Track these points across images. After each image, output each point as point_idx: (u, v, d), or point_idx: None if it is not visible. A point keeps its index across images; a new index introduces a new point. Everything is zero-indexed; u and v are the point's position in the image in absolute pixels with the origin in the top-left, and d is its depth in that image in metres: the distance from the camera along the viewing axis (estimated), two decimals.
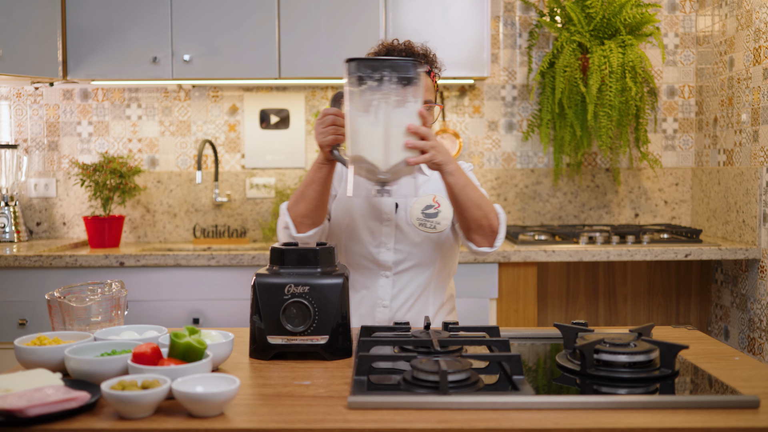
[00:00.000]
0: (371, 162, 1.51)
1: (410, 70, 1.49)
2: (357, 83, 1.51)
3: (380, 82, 1.47)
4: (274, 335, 1.48)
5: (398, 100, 1.49)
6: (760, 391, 1.25)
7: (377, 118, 1.49)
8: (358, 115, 1.51)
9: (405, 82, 1.48)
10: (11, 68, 3.10)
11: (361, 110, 1.51)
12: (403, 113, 1.51)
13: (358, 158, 1.54)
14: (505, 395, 1.23)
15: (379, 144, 1.50)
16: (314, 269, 1.53)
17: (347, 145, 1.55)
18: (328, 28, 3.20)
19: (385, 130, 1.50)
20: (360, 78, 1.49)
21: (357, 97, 1.51)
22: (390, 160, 1.52)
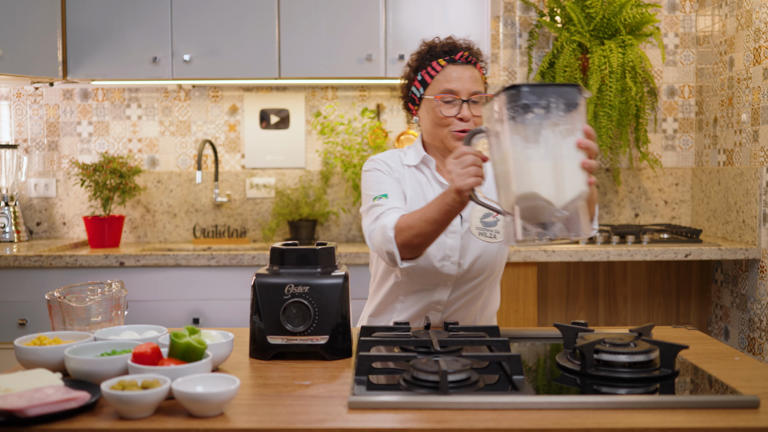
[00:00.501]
0: (546, 199, 1.33)
1: (577, 96, 1.35)
2: (522, 112, 1.34)
3: (547, 110, 1.33)
4: (274, 335, 1.48)
5: (568, 129, 1.34)
6: (760, 391, 1.25)
7: (547, 149, 1.33)
8: (526, 147, 1.33)
9: (572, 108, 1.35)
10: (11, 68, 3.10)
11: (530, 141, 1.34)
12: (573, 141, 1.35)
13: (530, 196, 1.34)
14: (505, 395, 1.23)
15: (552, 178, 1.34)
16: (314, 269, 1.52)
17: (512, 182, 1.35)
18: (328, 28, 3.20)
19: (556, 162, 1.33)
20: (526, 106, 1.33)
21: (522, 128, 1.34)
22: (566, 195, 1.34)
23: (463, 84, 1.83)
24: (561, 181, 1.33)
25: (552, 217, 1.35)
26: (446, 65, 1.86)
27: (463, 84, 1.83)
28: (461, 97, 1.83)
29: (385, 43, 3.20)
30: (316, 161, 3.60)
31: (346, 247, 3.21)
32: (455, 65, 1.85)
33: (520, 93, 1.33)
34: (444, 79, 1.84)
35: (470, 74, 1.84)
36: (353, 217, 3.60)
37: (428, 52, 1.89)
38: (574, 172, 1.35)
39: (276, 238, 3.58)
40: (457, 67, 1.85)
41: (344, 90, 3.60)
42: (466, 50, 1.87)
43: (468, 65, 1.86)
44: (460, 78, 1.83)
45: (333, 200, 3.58)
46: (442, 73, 1.85)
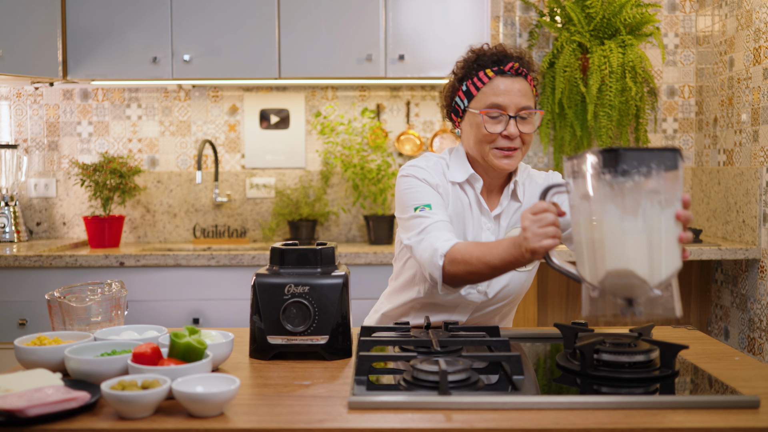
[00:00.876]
0: (641, 277, 1.22)
1: (678, 160, 1.22)
2: (621, 179, 1.21)
3: (647, 177, 1.20)
4: (274, 335, 1.48)
5: (666, 198, 1.21)
6: (760, 391, 1.25)
7: (645, 222, 1.21)
8: (622, 219, 1.21)
9: (672, 174, 1.22)
10: (11, 68, 3.10)
11: (627, 213, 1.21)
12: (671, 215, 1.23)
13: (623, 273, 1.23)
14: (505, 395, 1.23)
15: (649, 254, 1.22)
16: (314, 269, 1.52)
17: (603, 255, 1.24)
18: (328, 28, 3.20)
19: (654, 237, 1.21)
20: (625, 172, 1.20)
21: (619, 198, 1.21)
22: (662, 272, 1.23)
23: (511, 98, 1.70)
24: (658, 258, 1.22)
25: (643, 295, 1.24)
26: (494, 77, 1.72)
27: (511, 98, 1.70)
28: (509, 113, 1.70)
29: (385, 43, 3.20)
30: (316, 161, 3.60)
31: (346, 247, 3.21)
32: (504, 77, 1.71)
33: (620, 157, 1.20)
34: (491, 92, 1.71)
35: (519, 87, 1.70)
36: (353, 217, 3.60)
37: (476, 60, 1.75)
38: (671, 248, 1.23)
39: (276, 238, 3.58)
40: (506, 79, 1.71)
41: (344, 90, 3.60)
42: (516, 60, 1.73)
43: (518, 77, 1.72)
44: (509, 91, 1.70)
45: (333, 200, 3.58)
46: (490, 85, 1.72)
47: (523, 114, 1.71)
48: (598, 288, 1.25)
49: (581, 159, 1.25)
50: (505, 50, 1.76)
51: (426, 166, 1.80)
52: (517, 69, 1.72)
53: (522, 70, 1.73)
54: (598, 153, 1.21)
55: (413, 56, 3.21)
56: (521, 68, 1.73)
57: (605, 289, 1.25)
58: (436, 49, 3.20)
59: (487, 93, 1.72)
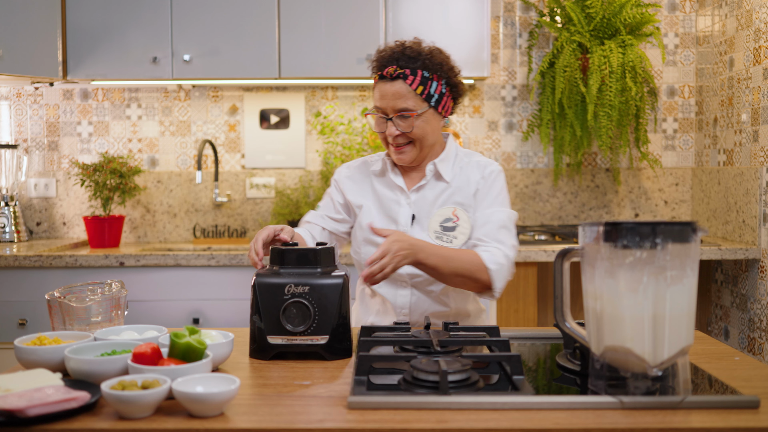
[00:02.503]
0: (639, 356, 1.18)
1: (691, 235, 1.17)
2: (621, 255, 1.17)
3: (652, 253, 1.16)
4: (274, 335, 1.48)
5: (674, 275, 1.17)
6: (760, 391, 1.25)
7: (647, 299, 1.16)
8: (621, 296, 1.18)
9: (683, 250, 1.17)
10: (11, 68, 3.10)
11: (627, 289, 1.18)
12: (680, 291, 1.18)
13: (620, 350, 1.20)
14: (505, 395, 1.23)
15: (650, 332, 1.17)
16: (314, 269, 1.52)
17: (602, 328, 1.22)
18: (328, 28, 3.20)
19: (658, 314, 1.17)
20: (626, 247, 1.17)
21: (619, 272, 1.18)
22: (664, 352, 1.18)
23: (387, 102, 1.82)
24: (660, 338, 1.17)
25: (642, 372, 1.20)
26: (378, 81, 1.84)
27: (387, 102, 1.82)
28: (387, 115, 1.83)
29: (385, 43, 3.19)
30: (316, 161, 3.60)
31: (347, 247, 3.21)
32: (383, 81, 1.82)
33: (620, 231, 1.17)
34: (376, 96, 1.85)
35: (395, 91, 1.80)
36: None
37: (373, 62, 1.88)
38: (678, 325, 1.18)
39: None
40: (385, 84, 1.82)
41: (344, 90, 3.60)
42: (395, 63, 1.81)
43: (396, 81, 1.80)
44: (385, 96, 1.82)
45: None
46: (376, 88, 1.85)
47: (404, 115, 1.81)
48: (600, 360, 1.24)
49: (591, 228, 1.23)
50: (394, 53, 1.83)
51: (348, 165, 2.03)
52: (392, 73, 1.80)
53: (399, 72, 1.80)
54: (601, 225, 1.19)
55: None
56: (398, 71, 1.80)
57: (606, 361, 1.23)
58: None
59: (375, 96, 1.86)
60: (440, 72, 1.84)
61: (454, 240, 1.84)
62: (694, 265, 1.20)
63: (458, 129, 3.59)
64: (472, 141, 3.59)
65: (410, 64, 1.81)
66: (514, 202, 3.59)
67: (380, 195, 1.94)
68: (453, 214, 1.86)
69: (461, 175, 1.91)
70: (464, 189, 1.89)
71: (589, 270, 1.24)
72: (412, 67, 1.81)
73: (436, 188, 1.90)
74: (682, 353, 1.21)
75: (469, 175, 1.90)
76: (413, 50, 1.83)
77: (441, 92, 1.84)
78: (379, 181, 1.96)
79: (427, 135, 1.85)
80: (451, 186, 1.90)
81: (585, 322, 1.29)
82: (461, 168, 1.92)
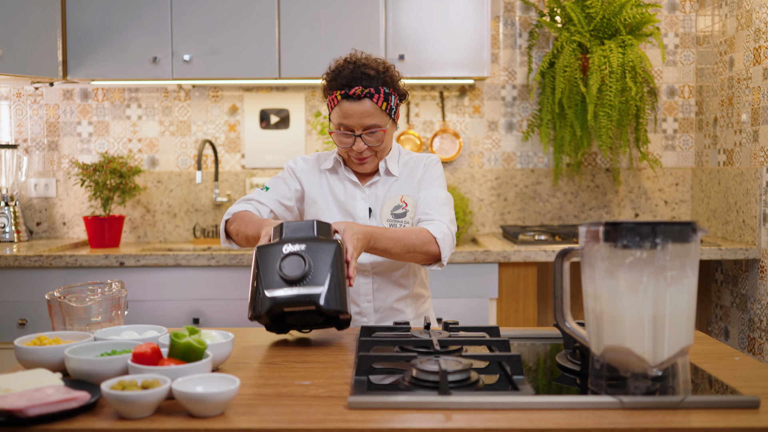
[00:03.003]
0: (639, 356, 1.19)
1: (691, 235, 1.17)
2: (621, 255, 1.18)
3: (652, 253, 1.16)
4: (272, 289, 1.50)
5: (674, 275, 1.17)
6: (760, 391, 1.25)
7: (647, 299, 1.17)
8: (621, 296, 1.18)
9: (683, 249, 1.18)
10: (11, 68, 3.10)
11: (627, 289, 1.18)
12: (680, 291, 1.18)
13: (620, 350, 1.20)
14: (505, 395, 1.23)
15: (650, 332, 1.18)
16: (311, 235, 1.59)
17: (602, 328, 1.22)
18: (328, 28, 3.20)
19: (657, 314, 1.17)
20: (626, 247, 1.17)
21: (619, 272, 1.18)
22: (664, 352, 1.18)
23: (356, 120, 1.89)
24: (660, 338, 1.18)
25: (642, 372, 1.21)
26: (341, 100, 1.89)
27: (356, 120, 1.89)
28: (355, 132, 1.90)
29: (385, 43, 3.20)
30: None
31: None
32: (349, 101, 1.88)
33: (620, 231, 1.17)
34: (340, 114, 1.90)
35: (363, 110, 1.88)
36: None
37: (332, 80, 1.92)
38: (678, 326, 1.19)
39: None
40: (351, 103, 1.88)
41: None
42: (359, 83, 1.88)
43: (363, 100, 1.88)
44: (352, 115, 1.88)
45: None
46: (339, 107, 1.90)
47: (372, 130, 1.90)
48: (600, 360, 1.24)
49: (591, 228, 1.23)
50: (354, 73, 1.89)
51: (305, 158, 2.10)
52: (359, 94, 1.88)
53: (365, 92, 1.88)
54: (601, 225, 1.19)
55: (413, 56, 3.21)
56: (364, 91, 1.88)
57: (606, 361, 1.23)
58: (436, 49, 3.21)
59: (338, 114, 1.91)
60: (395, 86, 1.95)
61: (405, 224, 1.97)
62: (694, 265, 1.19)
63: (458, 129, 3.59)
64: (472, 141, 3.59)
65: (373, 83, 1.89)
66: (514, 202, 3.59)
67: (335, 190, 2.03)
68: (401, 200, 1.99)
69: (405, 169, 2.05)
70: (409, 180, 2.02)
71: (589, 270, 1.24)
72: (375, 86, 1.90)
73: (386, 183, 2.03)
74: (682, 353, 1.21)
75: (413, 168, 2.05)
76: (369, 67, 1.91)
77: (396, 103, 1.96)
78: (332, 178, 2.05)
79: (389, 145, 2.00)
80: (399, 179, 2.03)
81: (585, 322, 1.29)
82: (405, 163, 2.06)
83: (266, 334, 1.73)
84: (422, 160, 2.06)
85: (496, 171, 3.59)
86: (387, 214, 1.98)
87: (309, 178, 2.05)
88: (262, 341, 1.65)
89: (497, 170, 3.59)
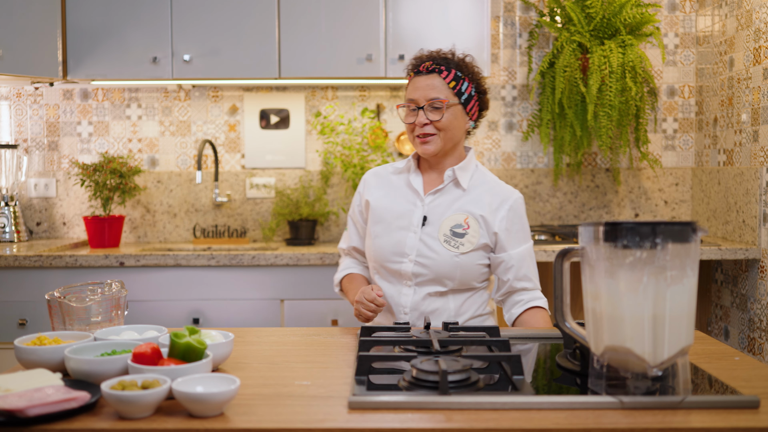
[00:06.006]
0: (639, 356, 1.18)
1: (691, 235, 1.17)
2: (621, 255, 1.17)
3: (652, 252, 1.16)
4: None
5: (674, 275, 1.17)
6: (760, 391, 1.25)
7: (647, 299, 1.17)
8: (621, 296, 1.18)
9: (683, 249, 1.17)
10: (11, 68, 3.10)
11: (628, 290, 1.18)
12: (680, 291, 1.18)
13: (620, 350, 1.20)
14: (505, 395, 1.23)
15: (650, 332, 1.17)
16: None
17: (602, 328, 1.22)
18: (328, 28, 3.20)
19: (657, 314, 1.17)
20: (626, 247, 1.17)
21: (619, 272, 1.18)
22: (664, 352, 1.18)
23: (421, 92, 1.93)
24: (660, 337, 1.18)
25: (642, 372, 1.21)
26: (413, 77, 1.98)
27: (421, 92, 1.93)
28: (418, 105, 1.94)
29: (385, 43, 3.20)
30: (316, 161, 3.60)
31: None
32: (419, 75, 1.96)
33: (619, 231, 1.17)
34: (410, 89, 1.97)
35: (429, 83, 1.93)
36: None
37: (410, 66, 2.01)
38: (678, 326, 1.18)
39: (276, 238, 3.58)
40: (420, 77, 1.95)
41: (344, 90, 3.60)
42: (429, 60, 1.96)
43: (431, 74, 1.94)
44: (419, 87, 1.94)
45: (333, 200, 3.58)
46: (410, 84, 1.98)
47: (435, 104, 1.92)
48: (600, 360, 1.24)
49: (591, 228, 1.23)
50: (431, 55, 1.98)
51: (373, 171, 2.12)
52: (429, 67, 1.95)
53: (435, 67, 1.94)
54: (601, 225, 1.19)
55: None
56: (434, 65, 1.94)
57: (606, 362, 1.23)
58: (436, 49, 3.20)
59: (408, 90, 1.99)
60: (471, 76, 1.98)
61: (461, 246, 1.92)
62: (694, 265, 1.19)
63: None
64: (472, 141, 3.59)
65: (444, 63, 1.96)
66: None
67: (395, 196, 2.03)
68: (464, 221, 1.94)
69: (478, 188, 1.99)
70: (479, 203, 1.96)
71: (589, 270, 1.24)
72: (447, 65, 1.95)
73: (451, 194, 1.98)
74: (682, 353, 1.21)
75: (488, 194, 1.98)
76: (448, 53, 1.99)
77: (470, 93, 1.97)
78: (398, 182, 2.06)
79: (453, 128, 1.96)
80: (467, 195, 1.97)
81: (585, 322, 1.29)
82: (482, 183, 2.01)
83: (266, 333, 1.73)
84: (508, 198, 1.98)
85: (496, 171, 3.59)
86: (446, 229, 1.93)
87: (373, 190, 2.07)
88: (262, 341, 1.65)
89: (497, 170, 3.59)
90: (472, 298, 2.00)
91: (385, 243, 1.97)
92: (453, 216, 1.94)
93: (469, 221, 1.93)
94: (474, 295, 2.00)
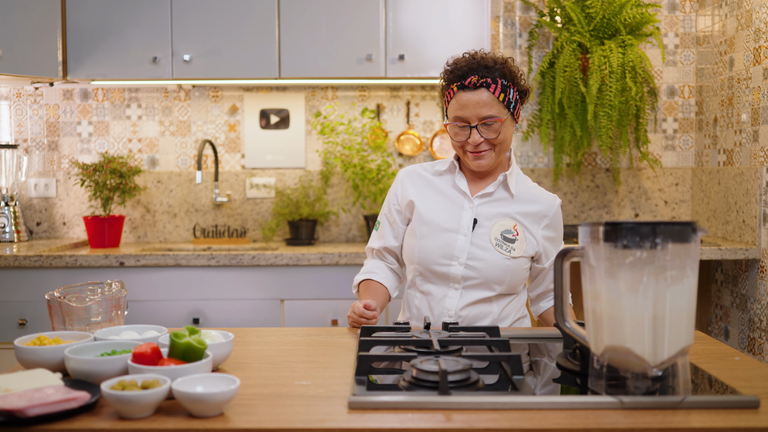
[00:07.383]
0: (639, 356, 1.18)
1: (691, 235, 1.17)
2: (621, 255, 1.17)
3: (652, 253, 1.16)
4: None
5: (674, 275, 1.17)
6: (760, 391, 1.25)
7: (647, 299, 1.17)
8: (621, 296, 1.18)
9: (683, 249, 1.17)
10: (11, 68, 3.10)
11: (627, 290, 1.17)
12: (680, 291, 1.18)
13: (620, 350, 1.20)
14: (505, 395, 1.23)
15: (650, 333, 1.17)
16: None
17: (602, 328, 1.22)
18: (328, 28, 3.20)
19: (658, 314, 1.17)
20: (626, 247, 1.17)
21: (619, 272, 1.18)
22: (664, 352, 1.18)
23: (471, 111, 1.85)
24: (660, 337, 1.18)
25: (642, 372, 1.21)
26: (458, 91, 1.88)
27: (471, 111, 1.85)
28: (470, 124, 1.86)
29: (385, 43, 3.20)
30: (316, 161, 3.60)
31: (346, 247, 3.21)
32: (465, 91, 1.86)
33: (619, 231, 1.17)
34: (456, 106, 1.88)
35: (479, 99, 1.85)
36: (353, 217, 3.60)
37: (449, 74, 1.91)
38: (678, 326, 1.18)
39: (276, 238, 3.58)
40: (467, 93, 1.86)
41: (344, 90, 3.60)
42: (476, 73, 1.86)
43: (479, 89, 1.85)
44: (468, 105, 1.85)
45: (333, 200, 3.58)
46: (455, 99, 1.88)
47: (488, 122, 1.86)
48: (600, 360, 1.24)
49: (592, 228, 1.22)
50: (470, 64, 1.88)
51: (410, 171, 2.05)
52: (475, 82, 1.85)
53: (482, 81, 1.85)
54: (601, 225, 1.19)
55: (413, 56, 3.21)
56: (481, 80, 1.85)
57: (606, 362, 1.23)
58: (436, 49, 3.20)
59: (454, 106, 1.89)
60: (514, 80, 1.91)
61: (512, 251, 1.90)
62: (694, 265, 1.19)
63: None
64: None
65: (489, 74, 1.87)
66: None
67: (441, 197, 1.98)
68: (513, 228, 1.93)
69: (524, 195, 1.98)
70: (524, 209, 1.95)
71: (589, 270, 1.24)
72: (492, 76, 1.87)
73: (500, 198, 1.96)
74: (682, 353, 1.21)
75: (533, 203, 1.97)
76: (488, 59, 1.89)
77: (516, 99, 1.92)
78: (443, 183, 2.00)
79: (507, 141, 1.93)
80: (514, 200, 1.96)
81: (585, 322, 1.29)
82: (527, 189, 2.00)
83: (266, 333, 1.73)
84: (551, 206, 1.98)
85: None
86: (497, 233, 1.91)
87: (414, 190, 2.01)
88: (262, 341, 1.65)
89: None
90: (514, 302, 1.99)
91: (431, 244, 1.92)
92: (502, 221, 1.92)
93: (518, 228, 1.92)
94: (515, 299, 1.99)
